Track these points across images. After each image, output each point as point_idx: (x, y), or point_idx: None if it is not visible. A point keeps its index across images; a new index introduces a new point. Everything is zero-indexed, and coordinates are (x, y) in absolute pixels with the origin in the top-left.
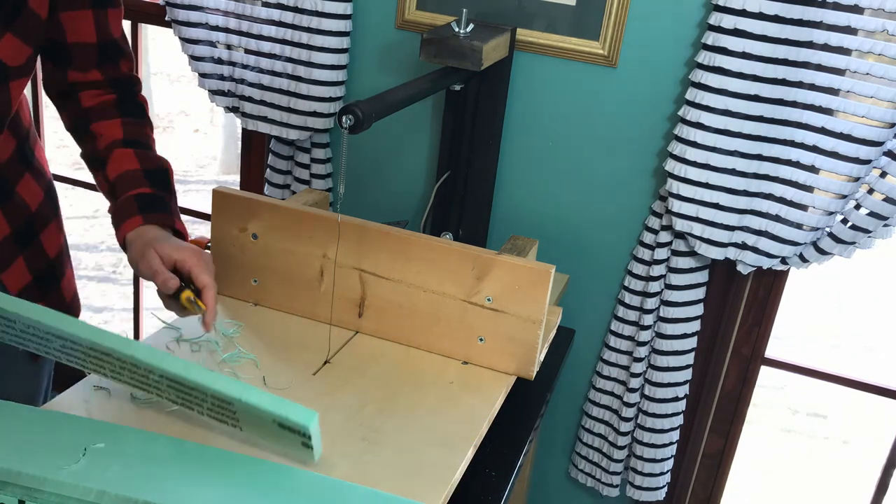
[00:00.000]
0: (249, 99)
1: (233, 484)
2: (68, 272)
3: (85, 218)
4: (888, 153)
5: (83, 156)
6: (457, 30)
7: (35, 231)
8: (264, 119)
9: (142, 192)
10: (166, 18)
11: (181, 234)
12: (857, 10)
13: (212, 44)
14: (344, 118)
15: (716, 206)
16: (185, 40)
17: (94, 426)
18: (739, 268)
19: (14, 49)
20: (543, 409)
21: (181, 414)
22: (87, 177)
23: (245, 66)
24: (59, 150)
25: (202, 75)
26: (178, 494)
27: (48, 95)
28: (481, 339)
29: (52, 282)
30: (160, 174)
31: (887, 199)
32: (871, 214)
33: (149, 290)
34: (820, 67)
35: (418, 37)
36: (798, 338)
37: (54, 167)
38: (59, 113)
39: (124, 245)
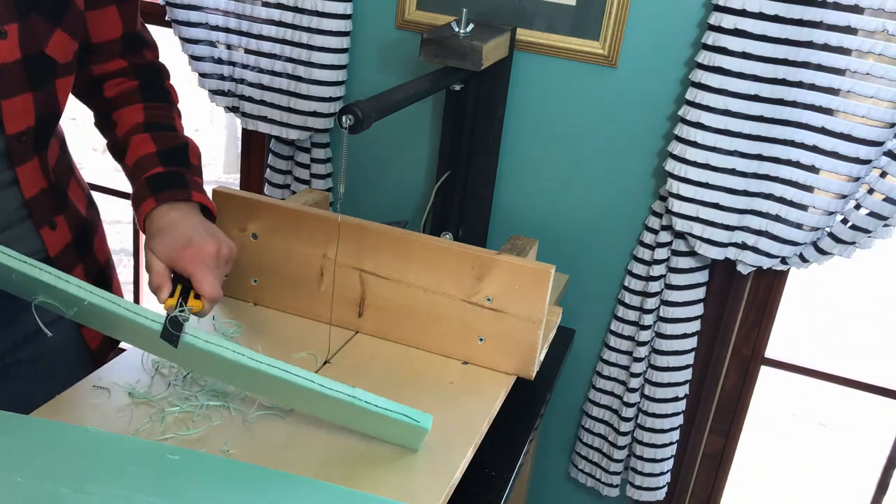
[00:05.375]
0: (249, 99)
1: (229, 490)
2: (115, 278)
3: None
4: (888, 153)
5: (109, 147)
6: (457, 30)
7: (89, 237)
8: (264, 119)
9: (154, 173)
10: (166, 18)
11: (206, 206)
12: (857, 10)
13: (212, 44)
14: (344, 118)
15: (716, 206)
16: (185, 40)
17: None
18: (739, 268)
19: (63, 45)
20: (543, 409)
21: (180, 415)
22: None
23: (245, 66)
24: None
25: (202, 75)
26: (181, 495)
27: (73, 94)
28: (481, 339)
29: (105, 289)
30: (176, 151)
31: (887, 199)
32: (871, 214)
33: (149, 291)
34: (820, 67)
35: (418, 37)
36: (799, 338)
37: None
38: (89, 108)
39: (146, 231)
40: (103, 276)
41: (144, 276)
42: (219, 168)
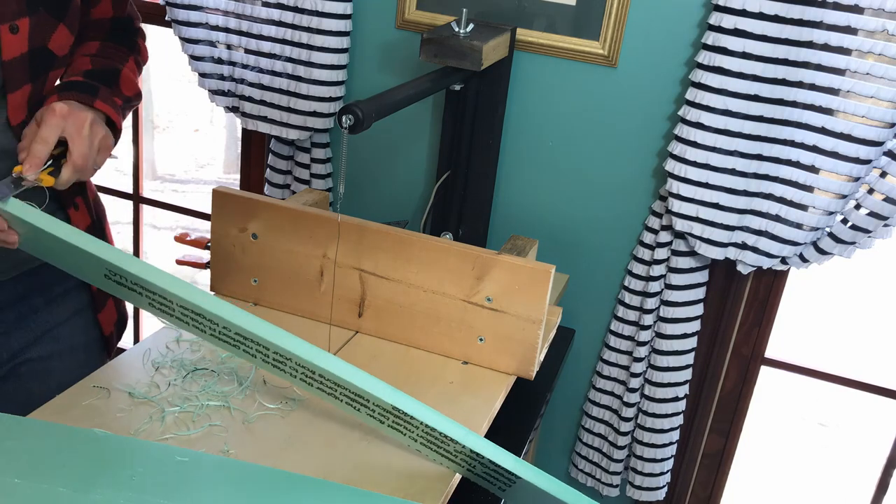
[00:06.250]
0: (249, 99)
1: (242, 492)
2: None
3: None
4: (888, 153)
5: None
6: (457, 30)
7: (102, 223)
8: (264, 119)
9: (69, 80)
10: (166, 18)
11: (109, 117)
12: (857, 10)
13: (212, 44)
14: (344, 118)
15: (716, 206)
16: (185, 40)
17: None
18: (739, 268)
19: (63, 40)
20: (543, 409)
21: (180, 415)
22: None
23: (245, 66)
24: None
25: (202, 75)
26: (191, 498)
27: None
28: (481, 339)
29: None
30: (104, 72)
31: (887, 199)
32: (871, 214)
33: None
34: (820, 67)
35: (418, 37)
36: (799, 338)
37: None
38: None
39: None
40: None
41: None
42: (219, 168)
